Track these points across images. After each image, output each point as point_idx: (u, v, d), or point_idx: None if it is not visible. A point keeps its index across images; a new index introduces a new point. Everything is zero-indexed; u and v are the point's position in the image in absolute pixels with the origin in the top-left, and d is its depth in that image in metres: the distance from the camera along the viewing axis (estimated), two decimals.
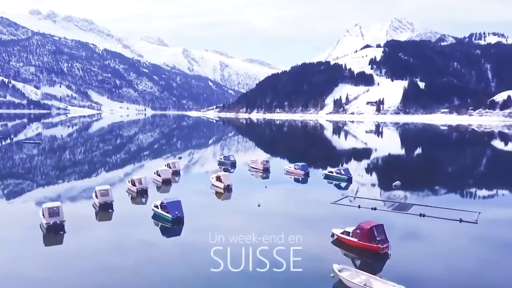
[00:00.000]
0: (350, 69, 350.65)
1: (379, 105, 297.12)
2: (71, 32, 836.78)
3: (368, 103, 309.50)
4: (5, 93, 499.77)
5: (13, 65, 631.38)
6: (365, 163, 71.23)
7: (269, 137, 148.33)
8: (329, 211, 35.00)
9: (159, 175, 46.45)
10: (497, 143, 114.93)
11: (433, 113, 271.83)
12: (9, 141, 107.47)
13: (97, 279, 21.28)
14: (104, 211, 33.58)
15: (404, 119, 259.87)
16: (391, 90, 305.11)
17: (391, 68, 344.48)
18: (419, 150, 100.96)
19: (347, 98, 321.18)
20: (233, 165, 59.73)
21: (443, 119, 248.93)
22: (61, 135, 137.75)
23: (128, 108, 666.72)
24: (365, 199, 38.53)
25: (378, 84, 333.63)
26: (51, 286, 21.25)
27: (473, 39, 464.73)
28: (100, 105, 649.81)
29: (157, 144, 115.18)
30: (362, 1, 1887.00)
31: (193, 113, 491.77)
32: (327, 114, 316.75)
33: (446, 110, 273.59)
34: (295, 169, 52.38)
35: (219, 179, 42.62)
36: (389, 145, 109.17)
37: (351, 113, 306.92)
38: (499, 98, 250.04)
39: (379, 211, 34.01)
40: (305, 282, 20.25)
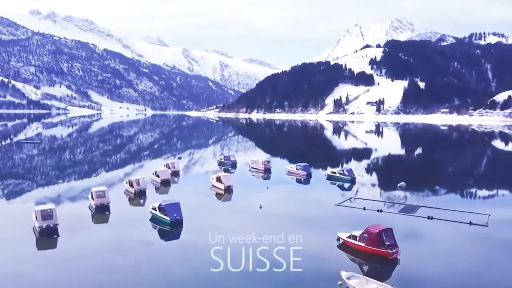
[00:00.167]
0: (350, 69, 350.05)
1: (379, 105, 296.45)
2: (71, 32, 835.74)
3: (368, 103, 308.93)
4: (5, 93, 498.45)
5: (13, 65, 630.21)
6: (366, 163, 70.22)
7: (269, 137, 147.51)
8: (333, 213, 34.10)
9: (158, 176, 45.37)
10: (498, 143, 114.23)
11: (433, 113, 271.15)
12: (9, 141, 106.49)
13: (94, 281, 20.58)
14: (100, 213, 32.48)
15: (404, 119, 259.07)
16: (391, 90, 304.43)
17: (391, 68, 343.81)
18: (420, 150, 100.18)
19: (347, 98, 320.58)
20: (234, 165, 58.69)
21: (443, 119, 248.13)
22: (61, 135, 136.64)
23: (128, 108, 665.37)
24: (370, 200, 37.43)
25: (378, 84, 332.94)
26: None
27: (473, 39, 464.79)
28: (100, 105, 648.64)
29: (157, 144, 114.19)
30: (362, 1, 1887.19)
31: (193, 113, 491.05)
32: (327, 114, 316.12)
33: (446, 110, 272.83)
34: (297, 169, 51.27)
35: (219, 179, 41.64)
36: (390, 145, 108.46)
37: (351, 113, 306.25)
38: (500, 98, 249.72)
39: (385, 213, 33.08)
40: (305, 282, 20.01)
